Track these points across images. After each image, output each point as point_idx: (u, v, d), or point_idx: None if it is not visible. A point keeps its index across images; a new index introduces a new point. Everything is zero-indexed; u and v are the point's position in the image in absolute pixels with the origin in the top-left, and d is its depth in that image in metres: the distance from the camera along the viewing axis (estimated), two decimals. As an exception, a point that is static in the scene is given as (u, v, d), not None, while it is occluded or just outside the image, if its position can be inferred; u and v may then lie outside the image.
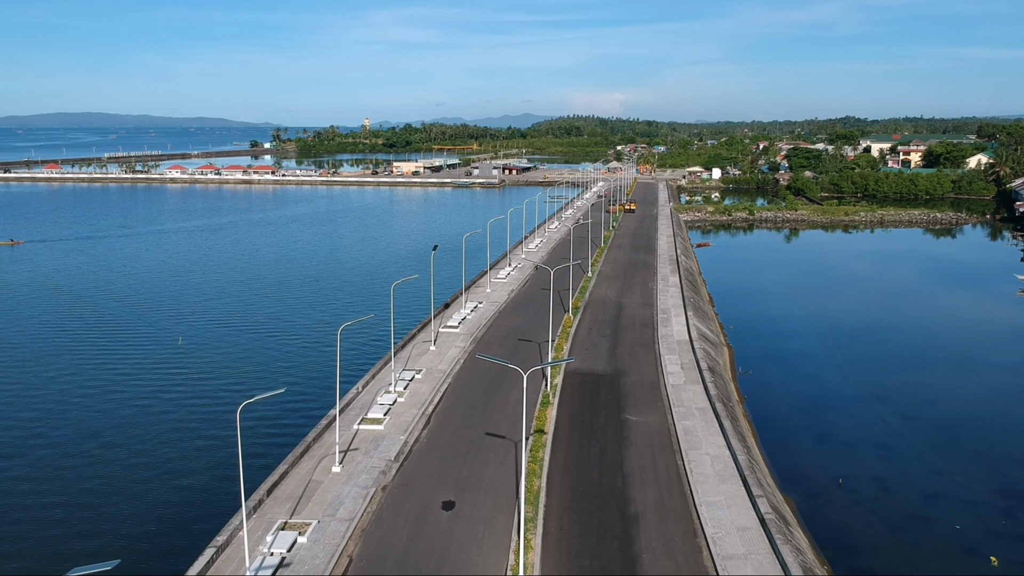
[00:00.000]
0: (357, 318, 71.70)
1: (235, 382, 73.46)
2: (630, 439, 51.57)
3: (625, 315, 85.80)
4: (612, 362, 68.58)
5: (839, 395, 71.68)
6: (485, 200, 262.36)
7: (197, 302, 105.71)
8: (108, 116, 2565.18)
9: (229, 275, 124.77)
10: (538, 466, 46.19)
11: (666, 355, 70.38)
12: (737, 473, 46.44)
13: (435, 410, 57.08)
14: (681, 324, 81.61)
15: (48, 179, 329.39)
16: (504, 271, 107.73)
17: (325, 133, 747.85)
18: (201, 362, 79.14)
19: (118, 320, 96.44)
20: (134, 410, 66.56)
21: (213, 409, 66.63)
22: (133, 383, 73.32)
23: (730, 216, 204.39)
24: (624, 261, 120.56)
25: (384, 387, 60.64)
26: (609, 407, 57.38)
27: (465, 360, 68.89)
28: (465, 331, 78.14)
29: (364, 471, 46.60)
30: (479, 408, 57.20)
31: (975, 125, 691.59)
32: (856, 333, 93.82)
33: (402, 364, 67.17)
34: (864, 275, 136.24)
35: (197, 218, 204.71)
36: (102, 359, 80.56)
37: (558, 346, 70.92)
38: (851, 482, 53.47)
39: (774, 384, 74.03)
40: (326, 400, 64.80)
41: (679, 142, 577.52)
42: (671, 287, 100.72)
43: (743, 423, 60.63)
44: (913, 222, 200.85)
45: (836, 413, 66.83)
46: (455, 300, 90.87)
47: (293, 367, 77.61)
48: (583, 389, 61.37)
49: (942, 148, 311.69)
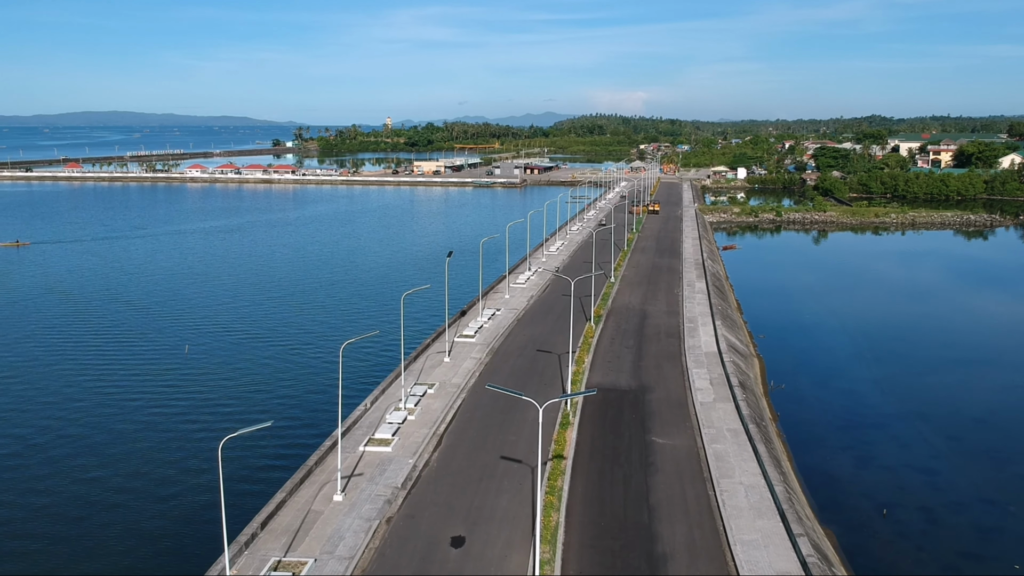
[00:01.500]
0: (364, 333, 67.66)
1: (236, 399, 70.17)
2: (656, 465, 47.71)
3: (650, 324, 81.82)
4: (636, 376, 64.69)
5: (878, 412, 67.34)
6: (506, 200, 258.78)
7: (207, 307, 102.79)
8: (134, 115, 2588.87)
9: (242, 279, 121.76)
10: (556, 497, 42.46)
11: (694, 369, 66.38)
12: (774, 506, 42.48)
13: (447, 429, 53.49)
14: (709, 334, 77.53)
15: (69, 178, 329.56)
16: (523, 276, 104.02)
17: (347, 132, 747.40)
18: (205, 376, 75.85)
19: (122, 326, 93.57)
20: (132, 425, 63.50)
21: (210, 430, 63.41)
22: (133, 395, 70.33)
23: (757, 217, 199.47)
24: (648, 265, 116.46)
25: (394, 403, 57.16)
26: (633, 428, 53.53)
27: (481, 373, 65.29)
28: (482, 341, 74.53)
29: (368, 500, 43.08)
30: (494, 427, 53.57)
31: (1004, 124, 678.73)
32: (892, 343, 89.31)
33: (414, 377, 63.67)
34: (898, 280, 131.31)
35: (214, 218, 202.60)
36: (101, 369, 77.57)
37: (579, 359, 67.13)
38: (896, 512, 49.35)
39: (808, 399, 69.83)
40: (333, 418, 61.13)
41: (703, 141, 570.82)
42: (697, 293, 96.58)
43: (777, 444, 56.57)
44: (946, 224, 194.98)
45: (876, 432, 62.54)
46: (472, 307, 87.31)
47: (300, 382, 73.90)
48: (605, 407, 57.56)
49: (974, 148, 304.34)
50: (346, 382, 71.52)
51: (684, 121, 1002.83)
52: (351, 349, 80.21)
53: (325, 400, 67.93)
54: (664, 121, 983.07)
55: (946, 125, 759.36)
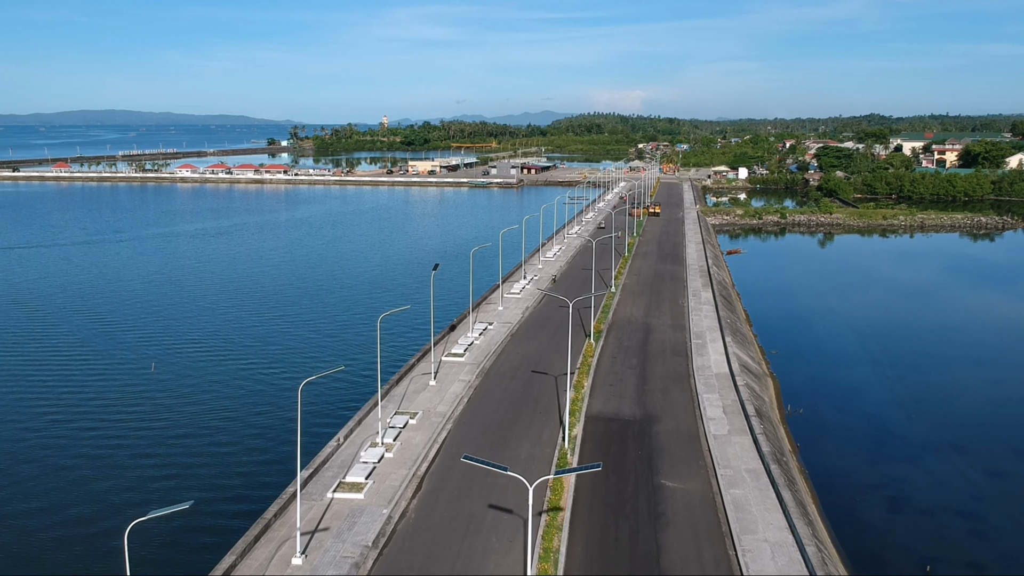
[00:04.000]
0: (333, 363, 58.35)
1: (202, 427, 63.96)
2: (667, 516, 41.54)
3: (654, 340, 75.63)
4: (641, 403, 58.52)
5: (907, 442, 61.17)
6: (502, 201, 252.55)
7: (179, 320, 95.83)
8: (131, 113, 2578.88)
9: (220, 288, 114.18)
10: (551, 563, 36.26)
11: (704, 394, 60.22)
12: (806, 570, 36.35)
13: (429, 469, 47.29)
14: (719, 352, 71.38)
15: (57, 178, 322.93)
16: (518, 285, 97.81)
17: (343, 131, 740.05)
18: (172, 398, 69.48)
19: (85, 341, 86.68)
20: (78, 460, 57.23)
21: (173, 464, 57.20)
22: (92, 424, 64.04)
23: (761, 220, 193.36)
24: (650, 272, 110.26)
25: (371, 437, 50.97)
26: (640, 468, 47.35)
27: (470, 398, 59.14)
28: (472, 360, 68.34)
29: (332, 563, 36.90)
30: (482, 467, 47.28)
31: (1005, 122, 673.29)
32: (915, 358, 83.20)
33: (395, 404, 57.47)
34: (914, 286, 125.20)
35: (201, 220, 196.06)
36: (54, 391, 71.07)
37: (578, 383, 60.93)
38: (939, 568, 43.21)
39: (829, 426, 63.66)
40: (305, 454, 53.98)
41: (702, 140, 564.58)
42: (704, 304, 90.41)
43: (801, 484, 50.39)
44: (956, 226, 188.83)
45: (907, 468, 56.37)
46: (462, 320, 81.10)
47: (272, 411, 67.00)
48: (608, 441, 51.39)
49: (980, 147, 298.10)
50: (324, 408, 65.48)
51: (682, 120, 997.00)
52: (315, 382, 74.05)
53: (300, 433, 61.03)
54: (662, 120, 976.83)
55: (946, 124, 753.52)
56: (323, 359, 79.03)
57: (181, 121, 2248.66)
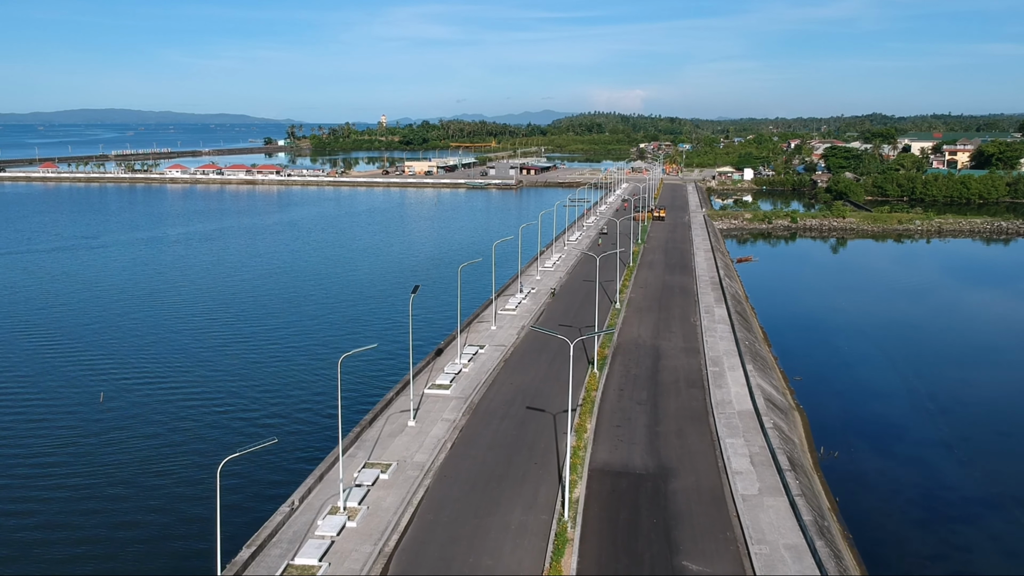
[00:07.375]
0: (255, 443, 40.08)
1: (150, 471, 55.63)
2: (692, 617, 33.12)
3: (665, 367, 67.14)
4: (653, 450, 50.07)
5: (961, 495, 52.65)
6: (501, 203, 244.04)
7: (135, 343, 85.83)
8: (131, 112, 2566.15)
9: (189, 304, 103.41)
10: None
11: (727, 438, 51.76)
12: None
13: (399, 545, 38.83)
14: (739, 382, 62.91)
15: (44, 179, 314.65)
16: (513, 300, 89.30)
17: (340, 130, 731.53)
18: (118, 431, 61.16)
19: (27, 364, 78.13)
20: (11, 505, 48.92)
21: (109, 524, 48.85)
22: (23, 457, 55.72)
23: (770, 224, 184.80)
24: (657, 285, 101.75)
25: (332, 500, 42.53)
26: (655, 543, 38.91)
27: (453, 444, 50.73)
28: (458, 393, 59.94)
29: None
30: (464, 540, 38.97)
31: (1009, 122, 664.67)
32: (956, 387, 74.62)
33: (367, 452, 49.05)
34: (939, 298, 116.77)
35: (185, 223, 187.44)
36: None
37: (580, 425, 52.46)
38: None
39: (869, 474, 55.15)
40: (247, 532, 40.13)
41: (704, 139, 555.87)
42: (719, 323, 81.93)
43: (847, 556, 41.92)
44: (975, 231, 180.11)
45: (967, 531, 47.86)
46: (450, 343, 72.57)
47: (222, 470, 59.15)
48: (616, 504, 42.93)
49: (993, 148, 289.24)
50: (282, 462, 56.69)
51: (683, 119, 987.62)
52: (289, 420, 65.75)
53: (244, 498, 51.46)
54: (663, 119, 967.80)
55: (949, 123, 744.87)
56: (291, 394, 70.56)
57: (181, 120, 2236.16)
